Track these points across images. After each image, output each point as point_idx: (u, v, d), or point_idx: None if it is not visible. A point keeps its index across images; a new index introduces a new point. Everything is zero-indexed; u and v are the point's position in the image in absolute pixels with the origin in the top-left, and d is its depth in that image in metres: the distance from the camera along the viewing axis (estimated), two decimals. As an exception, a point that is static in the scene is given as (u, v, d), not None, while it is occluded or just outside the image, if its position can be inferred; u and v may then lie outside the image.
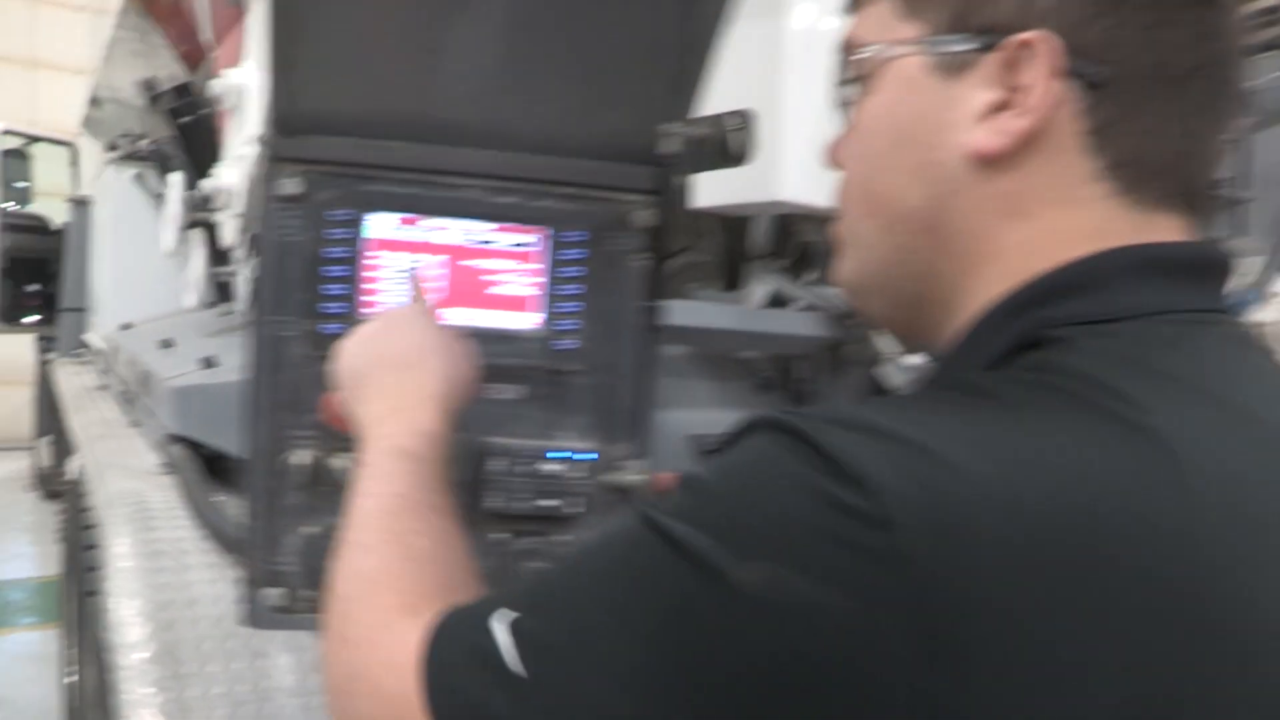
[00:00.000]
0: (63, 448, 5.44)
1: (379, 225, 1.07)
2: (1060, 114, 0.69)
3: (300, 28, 0.97)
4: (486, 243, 1.10)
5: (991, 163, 0.70)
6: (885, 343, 1.71)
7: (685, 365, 1.09)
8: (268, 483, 1.08)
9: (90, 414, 3.20)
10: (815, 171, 1.62)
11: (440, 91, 1.04)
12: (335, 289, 1.06)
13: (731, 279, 2.00)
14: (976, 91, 0.71)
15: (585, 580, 0.63)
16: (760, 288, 1.86)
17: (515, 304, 1.11)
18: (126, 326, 3.75)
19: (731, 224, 1.96)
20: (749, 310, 1.84)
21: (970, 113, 0.71)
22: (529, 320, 1.12)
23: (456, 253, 1.10)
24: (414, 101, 1.04)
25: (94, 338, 4.53)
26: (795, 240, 1.87)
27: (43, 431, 7.21)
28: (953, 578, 0.52)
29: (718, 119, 1.39)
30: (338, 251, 1.06)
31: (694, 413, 1.72)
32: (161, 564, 1.72)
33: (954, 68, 0.72)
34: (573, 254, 1.11)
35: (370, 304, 1.08)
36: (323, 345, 1.06)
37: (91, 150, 5.98)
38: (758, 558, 0.54)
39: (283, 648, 1.65)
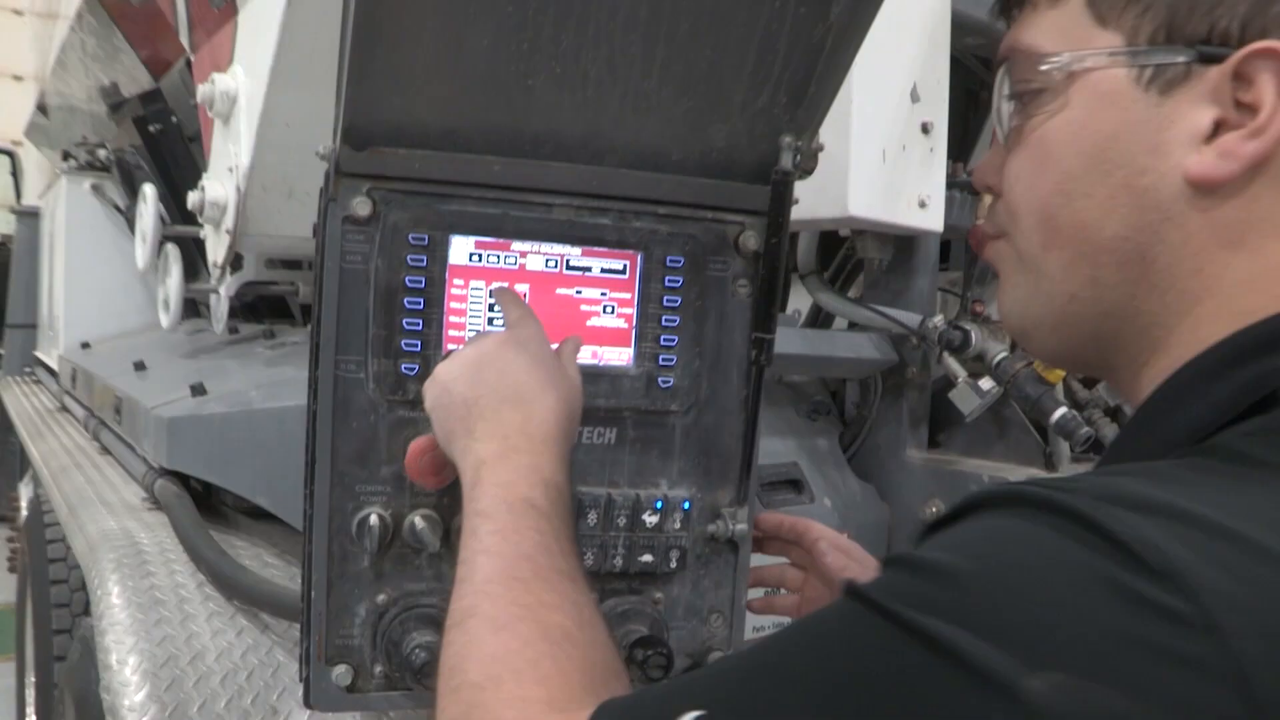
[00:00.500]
0: (9, 470, 5.19)
1: (460, 250, 0.94)
2: None
3: (379, 28, 0.83)
4: (573, 269, 0.98)
5: (1213, 189, 0.62)
6: (955, 365, 1.61)
7: (765, 390, 1.02)
8: (333, 547, 0.94)
9: (51, 441, 3.00)
10: (883, 186, 1.53)
11: (529, 100, 0.91)
12: (413, 323, 0.93)
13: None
14: (1195, 109, 0.63)
15: (799, 682, 0.52)
16: (805, 304, 1.75)
17: (607, 337, 0.99)
18: (86, 345, 3.55)
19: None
20: (803, 331, 1.73)
21: (1189, 133, 0.63)
22: (622, 355, 0.99)
23: (544, 280, 0.97)
24: (502, 110, 0.91)
25: (48, 357, 4.31)
26: (846, 256, 1.77)
27: (-15, 452, 6.90)
28: None
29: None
30: (416, 280, 0.93)
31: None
32: (160, 614, 1.56)
33: (1166, 82, 0.63)
34: (669, 281, 0.99)
35: (459, 340, 0.94)
36: (399, 388, 0.93)
37: (35, 160, 5.75)
38: (1053, 667, 0.44)
39: (301, 705, 1.51)
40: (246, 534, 1.81)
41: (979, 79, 1.89)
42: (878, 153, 1.45)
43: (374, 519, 0.93)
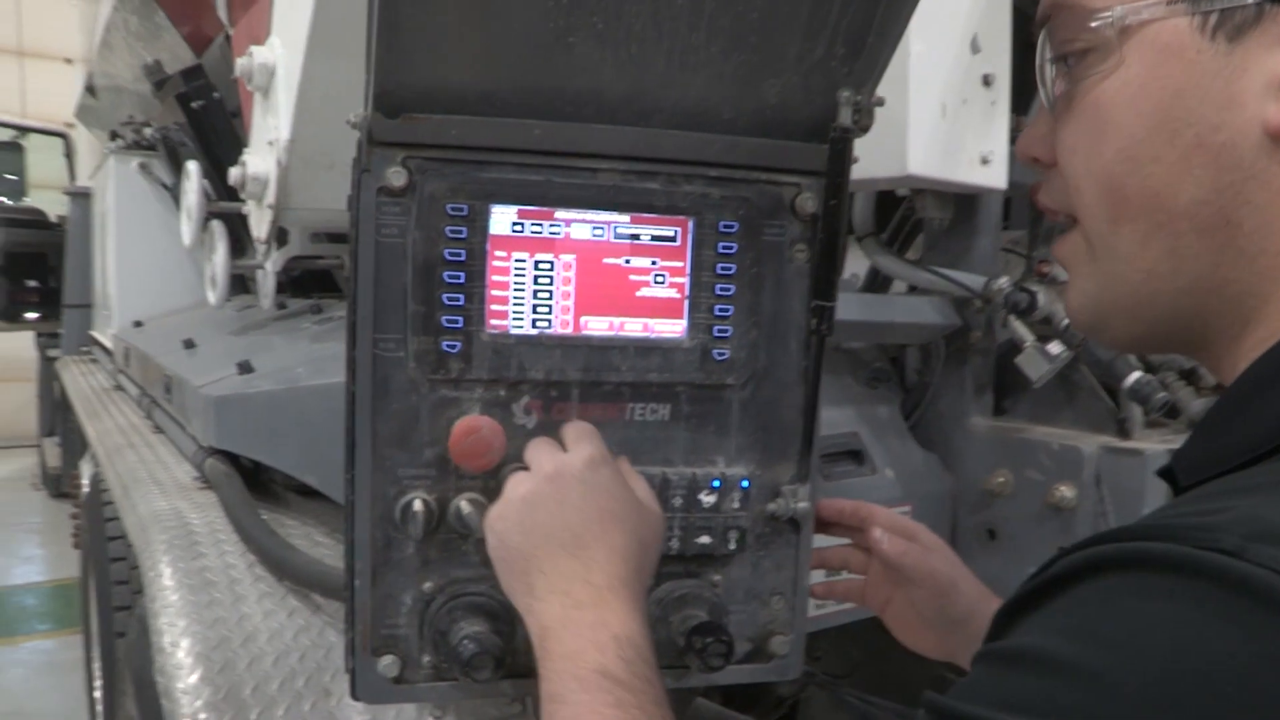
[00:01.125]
0: (72, 447, 5.27)
1: (501, 220, 0.89)
2: None
3: (408, -15, 0.78)
4: (624, 237, 0.92)
5: None
6: (1022, 328, 1.53)
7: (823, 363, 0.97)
8: (376, 533, 0.90)
9: (106, 420, 3.02)
10: (943, 142, 1.46)
11: (571, 57, 0.85)
12: (454, 298, 0.88)
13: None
14: (1268, 54, 0.56)
15: None
16: (861, 268, 1.68)
17: (659, 309, 0.93)
18: (139, 324, 3.57)
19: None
20: (861, 296, 1.67)
21: (1266, 81, 0.56)
22: (675, 327, 0.94)
23: (590, 250, 0.92)
24: (540, 71, 0.85)
25: (102, 336, 4.34)
26: (904, 216, 1.70)
27: (48, 430, 7.04)
28: None
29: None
30: (456, 253, 0.87)
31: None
32: (212, 595, 1.55)
33: (1235, 27, 0.57)
34: (723, 247, 0.93)
35: (501, 314, 0.89)
36: (441, 366, 0.88)
37: (86, 140, 5.80)
38: None
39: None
40: (297, 512, 1.79)
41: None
42: (937, 107, 1.37)
43: (418, 504, 0.88)
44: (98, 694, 3.12)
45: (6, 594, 5.46)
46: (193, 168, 2.47)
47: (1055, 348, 1.49)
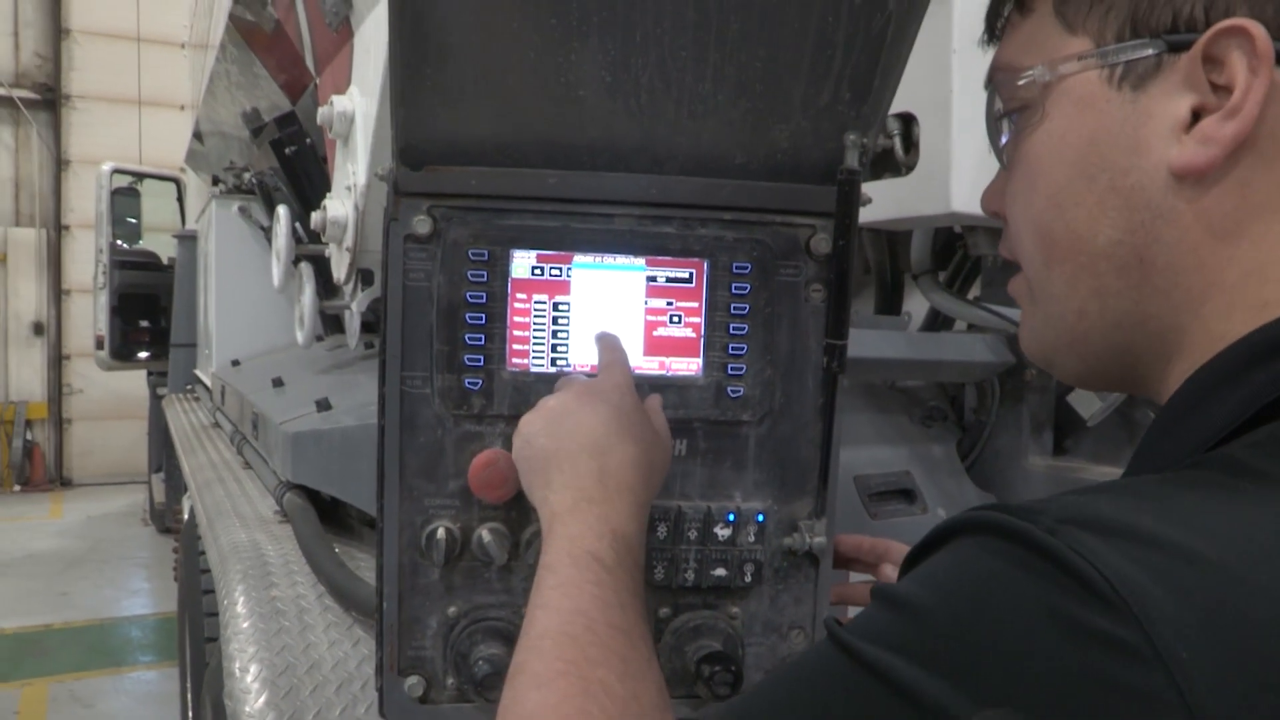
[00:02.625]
0: (176, 484, 5.53)
1: (521, 264, 0.96)
2: (1273, 110, 0.60)
3: (424, 48, 0.86)
4: (640, 279, 0.98)
5: (1199, 179, 0.62)
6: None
7: (841, 397, 0.99)
8: (404, 560, 0.98)
9: (201, 456, 3.19)
10: (987, 178, 1.48)
11: (583, 110, 0.92)
12: (476, 338, 0.95)
13: (888, 299, 1.86)
14: (1170, 100, 0.62)
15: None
16: (922, 307, 1.71)
17: (674, 348, 0.99)
18: (236, 363, 3.75)
19: (887, 239, 1.82)
20: (910, 334, 1.69)
21: (1168, 126, 0.62)
22: (690, 365, 0.99)
23: (607, 292, 0.98)
24: (554, 123, 0.93)
25: (204, 374, 4.57)
26: (960, 254, 1.73)
27: (156, 467, 7.38)
28: None
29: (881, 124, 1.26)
30: (478, 295, 0.95)
31: (855, 450, 1.59)
32: (281, 624, 1.64)
33: (1138, 77, 0.63)
34: (737, 288, 0.99)
35: (522, 353, 0.96)
36: (464, 402, 0.96)
37: (195, 185, 6.11)
38: (1001, 703, 0.45)
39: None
40: (370, 545, 1.88)
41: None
42: (981, 144, 1.41)
43: (441, 532, 0.96)
44: (191, 725, 3.27)
45: (114, 626, 5.74)
46: (282, 211, 2.62)
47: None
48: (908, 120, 1.44)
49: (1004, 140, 0.74)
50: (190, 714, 3.13)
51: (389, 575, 0.98)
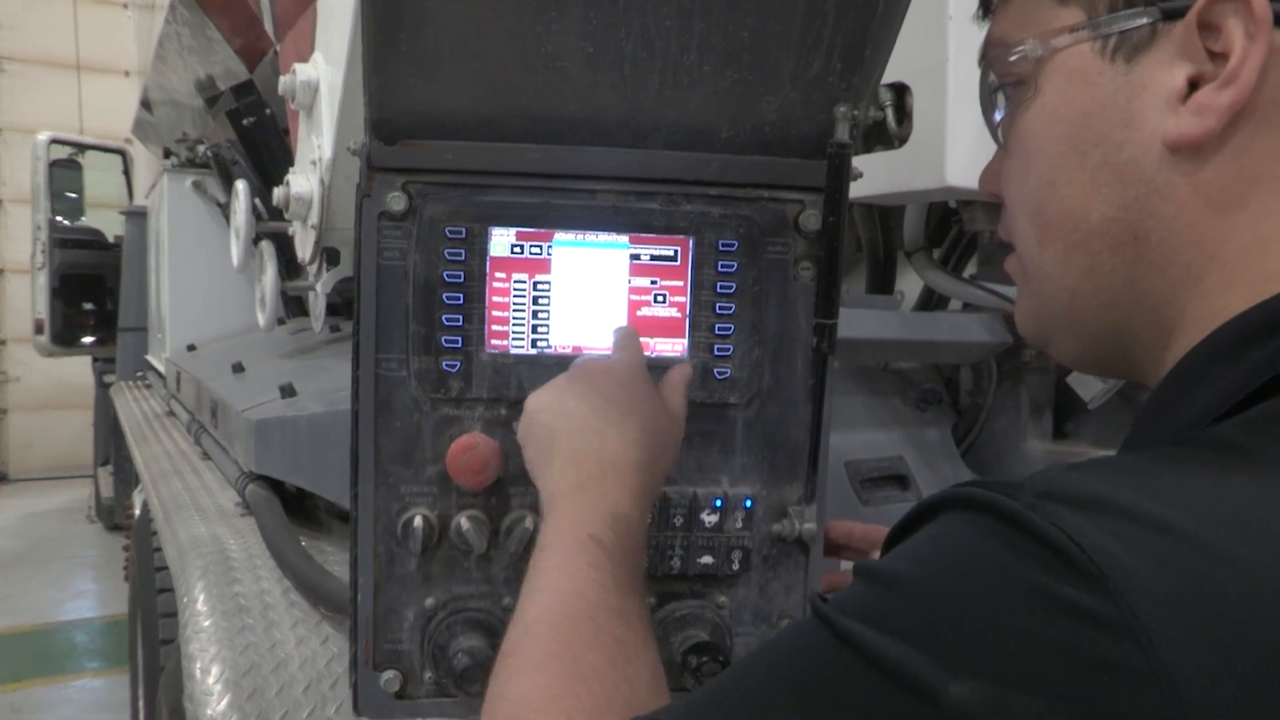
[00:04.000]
0: (126, 478, 5.53)
1: (500, 242, 0.99)
2: (1273, 75, 0.62)
3: (398, 15, 0.89)
4: (624, 257, 1.01)
5: (1196, 150, 0.64)
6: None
7: (831, 379, 1.01)
8: (379, 549, 1.01)
9: (155, 446, 3.21)
10: (984, 152, 1.51)
11: (564, 81, 0.95)
12: (454, 319, 0.98)
13: (880, 278, 1.90)
14: (1164, 71, 0.65)
15: (757, 696, 0.57)
16: (915, 286, 1.75)
17: (659, 328, 1.03)
18: (192, 348, 3.77)
19: (879, 215, 1.85)
20: (904, 314, 1.73)
21: (1163, 97, 0.65)
22: (675, 346, 1.03)
23: (589, 271, 1.01)
24: (534, 95, 0.95)
25: (156, 360, 4.57)
26: (956, 231, 1.76)
27: (103, 460, 7.36)
28: (1230, 707, 0.44)
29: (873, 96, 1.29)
30: (455, 275, 0.98)
31: (846, 435, 1.62)
32: (245, 621, 1.67)
33: (1132, 48, 0.66)
34: (723, 266, 1.02)
35: (501, 334, 0.99)
36: (442, 385, 0.99)
37: (144, 157, 6.08)
38: (976, 676, 0.48)
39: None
40: (338, 538, 1.91)
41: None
42: (976, 118, 1.44)
43: (418, 520, 0.99)
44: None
45: (56, 630, 5.74)
46: (241, 186, 2.63)
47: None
48: (901, 91, 1.47)
49: (998, 117, 0.76)
50: (145, 721, 3.15)
51: (363, 566, 1.01)
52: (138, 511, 3.69)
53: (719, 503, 1.03)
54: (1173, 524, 0.48)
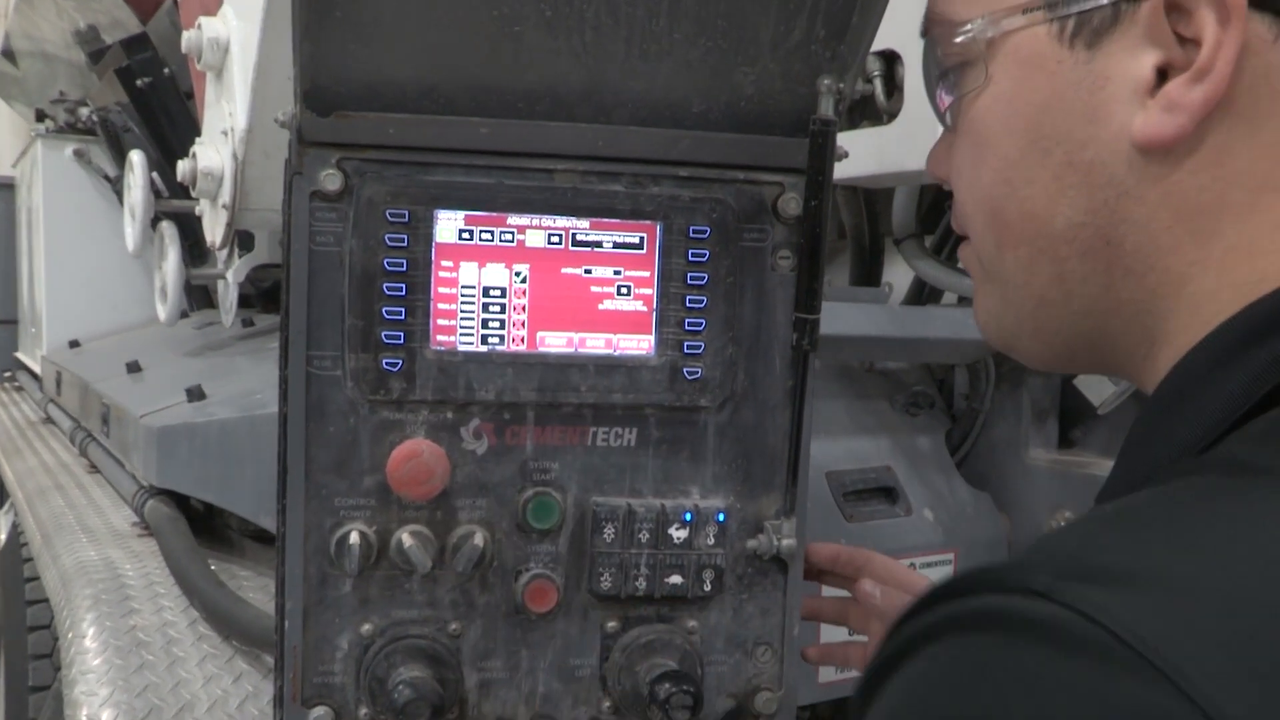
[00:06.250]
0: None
1: (447, 227, 1.03)
2: (1251, 63, 0.63)
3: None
4: (584, 244, 1.05)
5: (1168, 150, 0.65)
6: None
7: (812, 380, 1.04)
8: (310, 570, 1.04)
9: (28, 458, 3.17)
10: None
11: (518, 49, 0.98)
12: (395, 312, 1.02)
13: (866, 268, 1.94)
14: (1130, 58, 0.66)
15: None
16: (905, 277, 1.80)
17: (623, 323, 1.06)
18: (75, 344, 3.73)
19: (865, 199, 1.90)
20: (893, 309, 1.78)
21: (1129, 89, 0.66)
22: (641, 343, 1.07)
23: (546, 259, 1.05)
24: (486, 64, 0.99)
25: (29, 358, 4.53)
26: (950, 216, 1.81)
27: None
28: None
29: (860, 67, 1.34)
30: (397, 263, 1.01)
31: (829, 442, 1.67)
32: (144, 658, 1.67)
33: (1093, 32, 0.67)
34: (694, 255, 1.06)
35: (448, 329, 1.03)
36: (382, 386, 1.02)
37: (8, 120, 5.95)
38: None
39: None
40: (253, 561, 1.92)
41: None
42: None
43: (355, 536, 1.01)
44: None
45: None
46: (137, 158, 2.60)
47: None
48: (891, 60, 1.51)
49: (947, 100, 0.77)
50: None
51: (291, 589, 1.04)
52: (2, 535, 3.64)
53: (689, 516, 1.07)
54: (1217, 585, 0.48)
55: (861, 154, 1.50)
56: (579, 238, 1.05)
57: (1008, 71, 0.70)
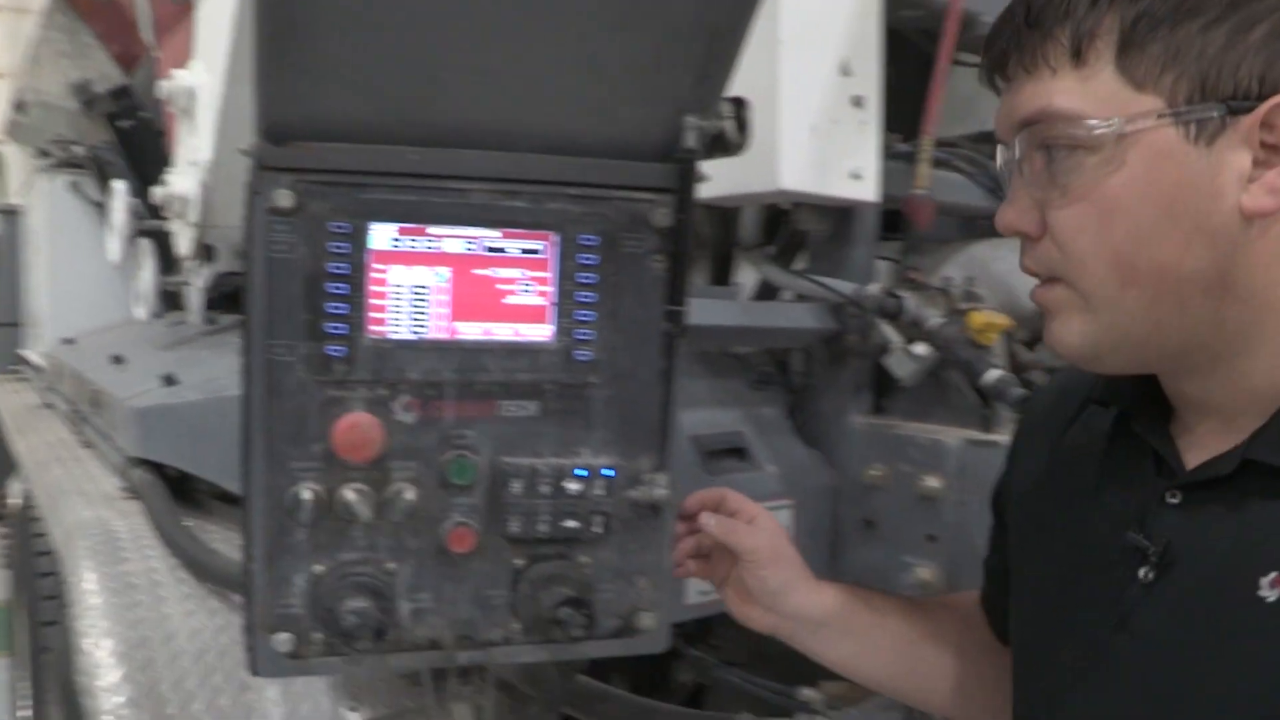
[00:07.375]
0: (2, 468, 5.26)
1: (380, 236, 0.99)
2: None
3: (289, 24, 0.88)
4: (494, 250, 1.03)
5: (1268, 215, 0.74)
6: (890, 331, 1.66)
7: (679, 361, 1.06)
8: (271, 522, 1.00)
9: (35, 436, 3.07)
10: (813, 159, 1.58)
11: (442, 90, 0.96)
12: (338, 307, 0.98)
13: (721, 271, 1.95)
14: (1235, 154, 0.74)
15: None
16: (751, 279, 1.80)
17: (527, 315, 1.04)
18: (69, 341, 3.61)
19: (719, 215, 1.90)
20: (743, 304, 1.78)
21: (1237, 175, 0.74)
22: (542, 332, 1.05)
23: (463, 262, 1.02)
24: (414, 102, 0.96)
25: (32, 354, 4.36)
26: (786, 229, 1.82)
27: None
28: None
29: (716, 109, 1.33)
30: (339, 267, 0.98)
31: (692, 412, 1.66)
32: (135, 598, 1.63)
33: (1210, 134, 0.74)
34: (585, 259, 1.04)
35: (381, 320, 1.00)
36: (327, 369, 0.99)
37: (17, 158, 5.78)
38: None
39: (269, 679, 1.57)
40: (220, 518, 1.87)
41: (922, 51, 1.93)
42: (807, 127, 1.50)
43: (307, 493, 0.98)
44: (24, 714, 3.14)
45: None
46: (119, 186, 2.54)
47: (921, 349, 1.62)
48: (740, 104, 1.52)
49: (1046, 173, 0.79)
50: (30, 704, 3.02)
51: (256, 537, 1.00)
52: (13, 500, 3.52)
53: (582, 472, 1.06)
54: None
55: (718, 179, 1.49)
56: (490, 245, 1.03)
57: (1141, 158, 0.75)
